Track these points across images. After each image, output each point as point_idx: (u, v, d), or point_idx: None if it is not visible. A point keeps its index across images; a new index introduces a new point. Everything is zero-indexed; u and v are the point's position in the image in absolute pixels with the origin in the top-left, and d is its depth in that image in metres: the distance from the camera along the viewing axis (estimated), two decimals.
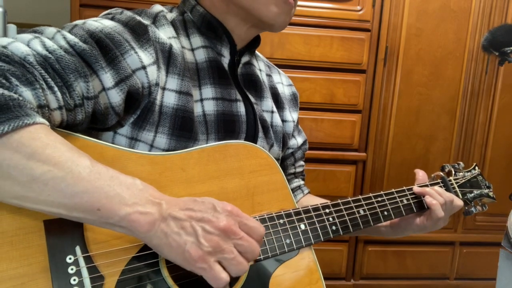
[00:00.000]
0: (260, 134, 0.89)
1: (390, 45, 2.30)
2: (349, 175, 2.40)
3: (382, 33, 2.29)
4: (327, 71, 2.29)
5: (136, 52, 0.72)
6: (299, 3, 2.18)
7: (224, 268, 0.59)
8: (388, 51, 2.31)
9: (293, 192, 1.06)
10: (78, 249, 0.62)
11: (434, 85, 2.37)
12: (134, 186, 0.59)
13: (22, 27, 2.53)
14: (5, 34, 1.78)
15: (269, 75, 1.01)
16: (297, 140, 1.06)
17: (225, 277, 0.59)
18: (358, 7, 2.26)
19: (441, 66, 2.36)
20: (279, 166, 0.83)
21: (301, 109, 2.25)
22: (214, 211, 0.60)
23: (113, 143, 0.74)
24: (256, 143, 0.88)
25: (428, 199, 0.95)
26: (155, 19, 0.81)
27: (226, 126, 0.83)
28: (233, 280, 0.72)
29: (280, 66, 2.20)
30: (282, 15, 0.84)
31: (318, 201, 0.98)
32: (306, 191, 1.09)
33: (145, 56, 0.73)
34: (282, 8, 0.83)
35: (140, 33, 0.74)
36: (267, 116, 0.93)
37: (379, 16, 2.28)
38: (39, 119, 0.57)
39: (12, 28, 1.83)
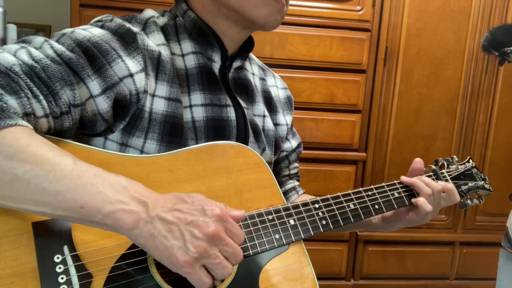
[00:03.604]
0: (251, 138, 0.90)
1: (390, 45, 2.30)
2: (349, 175, 2.40)
3: (382, 33, 2.29)
4: (327, 71, 2.29)
5: (123, 60, 0.73)
6: (300, 3, 2.20)
7: (209, 271, 0.60)
8: (388, 51, 2.31)
9: (288, 193, 1.06)
10: (66, 248, 0.63)
11: (434, 85, 2.37)
12: (118, 183, 0.59)
13: (22, 27, 2.54)
14: (5, 34, 1.78)
15: (262, 79, 1.02)
16: (291, 143, 1.06)
17: (208, 281, 0.60)
18: (358, 7, 2.26)
19: (441, 66, 2.36)
20: (267, 165, 0.84)
21: (301, 109, 2.28)
22: (203, 215, 0.60)
23: (103, 148, 0.75)
24: None
25: (414, 199, 0.94)
26: (145, 25, 0.82)
27: (216, 132, 0.84)
28: None
29: (280, 66, 2.22)
30: (274, 13, 0.83)
31: None
32: (301, 191, 1.09)
33: (133, 64, 0.74)
34: (273, 6, 0.83)
35: (128, 41, 0.75)
36: (258, 121, 0.93)
37: (379, 16, 2.28)
38: (22, 121, 0.58)
39: (12, 28, 1.83)
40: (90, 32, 0.73)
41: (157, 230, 0.58)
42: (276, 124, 1.00)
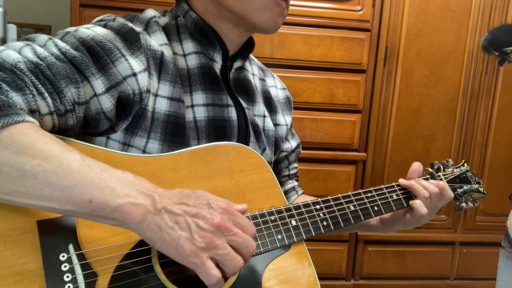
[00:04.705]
0: (252, 138, 0.90)
1: (390, 45, 2.31)
2: (349, 175, 2.40)
3: (382, 33, 2.30)
4: (327, 71, 2.30)
5: (126, 60, 0.73)
6: (300, 3, 2.20)
7: (219, 265, 0.60)
8: (388, 51, 2.31)
9: (288, 193, 1.07)
10: (71, 247, 0.63)
11: (434, 85, 2.37)
12: (125, 178, 0.59)
13: (22, 27, 2.53)
14: (5, 34, 1.78)
15: (262, 79, 1.02)
16: (291, 144, 1.07)
17: (216, 273, 0.59)
18: (358, 7, 2.26)
19: (441, 66, 2.36)
20: (269, 166, 0.84)
21: (301, 109, 2.28)
22: (209, 208, 0.61)
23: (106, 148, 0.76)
24: None
25: (411, 201, 0.96)
26: (147, 25, 0.82)
27: (217, 132, 0.84)
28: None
29: (280, 66, 2.22)
30: (275, 17, 0.84)
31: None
32: (300, 191, 1.10)
33: (136, 64, 0.74)
34: (275, 10, 0.83)
35: (131, 41, 0.75)
36: (259, 121, 0.94)
37: (379, 16, 2.28)
38: (29, 118, 0.58)
39: (12, 28, 1.84)
40: (93, 31, 0.73)
41: (164, 221, 0.58)
42: (276, 125, 1.01)
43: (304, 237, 0.82)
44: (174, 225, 0.58)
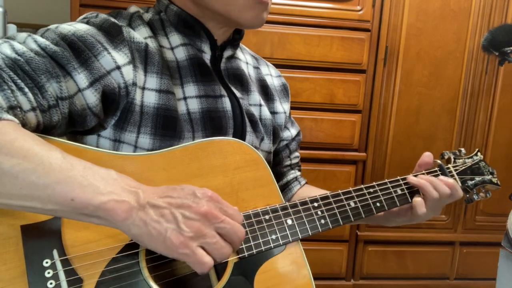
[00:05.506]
0: (248, 128, 0.88)
1: (390, 45, 2.30)
2: (349, 175, 2.40)
3: (382, 33, 2.29)
4: (327, 71, 2.29)
5: (109, 53, 0.72)
6: (300, 3, 2.20)
7: (208, 253, 0.58)
8: (388, 51, 2.31)
9: (290, 184, 1.04)
10: (55, 252, 0.61)
11: (434, 85, 2.37)
12: (109, 176, 0.58)
13: (22, 27, 2.53)
14: (5, 34, 1.78)
15: (256, 68, 1.00)
16: (291, 132, 1.05)
17: (208, 261, 0.58)
18: (358, 7, 2.26)
19: (441, 66, 2.35)
20: (266, 162, 0.81)
21: (301, 109, 2.28)
22: (194, 197, 0.60)
23: (97, 146, 0.75)
24: (244, 138, 0.87)
25: (414, 198, 0.91)
26: (131, 20, 0.81)
27: (212, 123, 0.82)
28: (218, 274, 0.71)
29: (280, 66, 2.20)
30: (259, 15, 0.83)
31: (317, 192, 0.95)
32: (303, 182, 1.07)
33: (119, 57, 0.73)
34: (258, 8, 0.82)
35: (114, 34, 0.74)
36: (254, 110, 0.92)
37: (379, 16, 2.28)
38: (7, 116, 0.57)
39: (12, 28, 1.84)
40: (75, 27, 0.72)
41: (149, 216, 0.57)
42: (273, 113, 0.99)
43: (300, 237, 0.79)
44: (160, 218, 0.57)
